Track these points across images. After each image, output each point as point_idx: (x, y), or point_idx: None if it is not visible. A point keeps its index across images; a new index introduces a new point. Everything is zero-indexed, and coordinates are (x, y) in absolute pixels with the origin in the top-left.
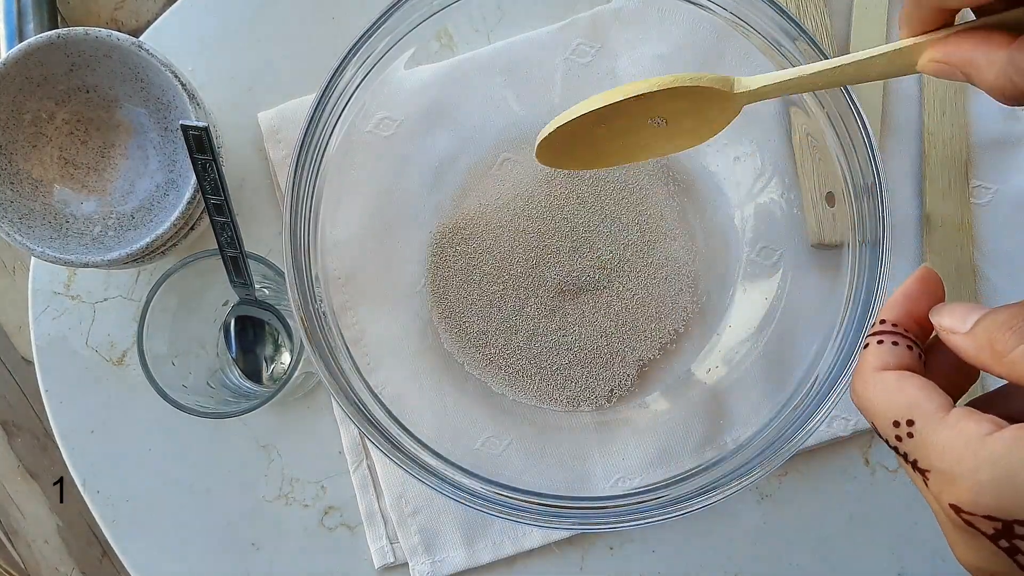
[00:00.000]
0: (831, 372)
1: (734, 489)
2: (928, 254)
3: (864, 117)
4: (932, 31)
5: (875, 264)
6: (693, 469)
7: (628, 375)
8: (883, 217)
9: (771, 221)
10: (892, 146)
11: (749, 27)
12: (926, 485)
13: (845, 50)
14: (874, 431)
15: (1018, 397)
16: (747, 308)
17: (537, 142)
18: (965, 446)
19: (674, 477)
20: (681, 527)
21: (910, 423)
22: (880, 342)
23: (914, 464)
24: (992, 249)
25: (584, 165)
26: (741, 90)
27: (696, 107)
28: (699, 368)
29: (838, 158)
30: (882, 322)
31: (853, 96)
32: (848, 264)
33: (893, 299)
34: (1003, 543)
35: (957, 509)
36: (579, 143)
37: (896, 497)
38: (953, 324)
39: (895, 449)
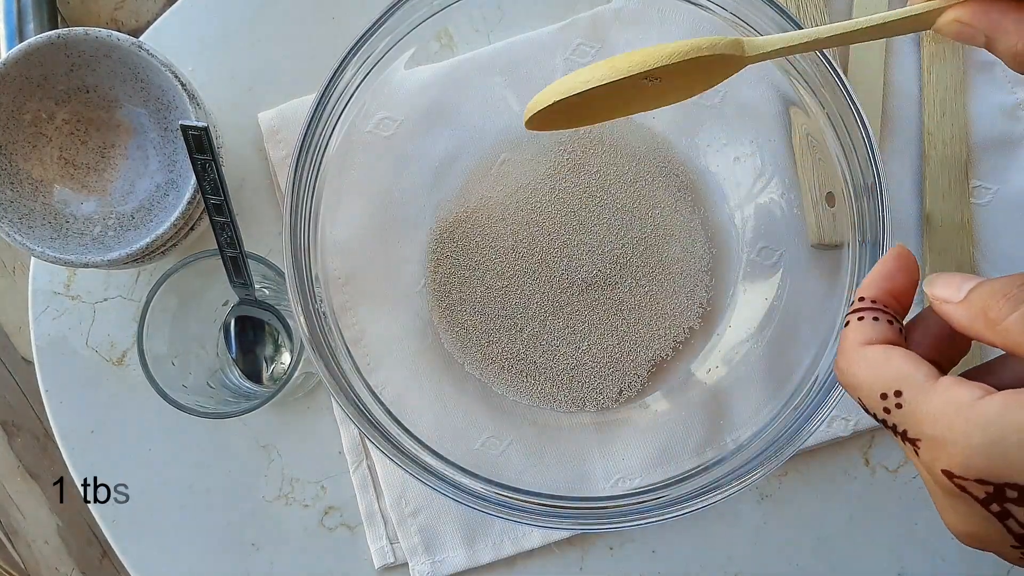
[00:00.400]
0: (831, 372)
1: (734, 489)
2: (928, 254)
3: (864, 117)
4: None
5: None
6: (693, 469)
7: (639, 375)
8: (883, 217)
9: (771, 221)
10: (892, 146)
11: (749, 27)
12: (917, 455)
13: (845, 50)
14: (861, 407)
15: (1008, 369)
16: (747, 308)
17: (533, 111)
18: (956, 412)
19: (674, 477)
20: (681, 527)
21: (898, 394)
22: (861, 319)
23: (904, 435)
24: (992, 249)
25: (570, 124)
26: (753, 53)
27: (699, 68)
28: (699, 368)
29: (838, 158)
30: (861, 299)
31: (853, 96)
32: (848, 264)
33: (870, 278)
34: (994, 507)
35: (949, 475)
36: (569, 110)
37: (896, 497)
38: (947, 294)
39: (883, 422)
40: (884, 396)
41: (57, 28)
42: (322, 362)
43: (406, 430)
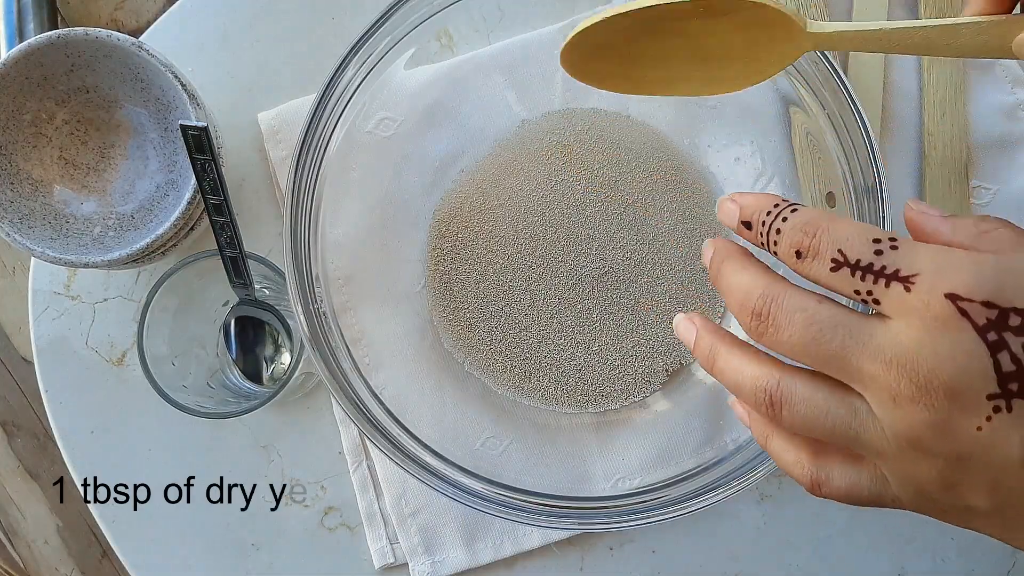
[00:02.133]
0: None
1: (734, 489)
2: None
3: (864, 117)
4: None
5: None
6: (693, 469)
7: (651, 382)
8: (883, 217)
9: None
10: (892, 146)
11: None
12: (908, 291)
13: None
14: (840, 260)
15: None
16: None
17: (567, 38)
18: (968, 239)
19: (674, 477)
20: (681, 527)
21: (892, 239)
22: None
23: (894, 275)
24: None
25: (611, 85)
26: (815, 30)
27: (751, 44)
28: (699, 368)
29: (838, 158)
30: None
31: (853, 96)
32: None
33: None
34: (991, 335)
35: (954, 297)
36: (611, 57)
37: None
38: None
39: (868, 268)
40: (878, 240)
41: (57, 28)
42: (322, 362)
43: (406, 430)
